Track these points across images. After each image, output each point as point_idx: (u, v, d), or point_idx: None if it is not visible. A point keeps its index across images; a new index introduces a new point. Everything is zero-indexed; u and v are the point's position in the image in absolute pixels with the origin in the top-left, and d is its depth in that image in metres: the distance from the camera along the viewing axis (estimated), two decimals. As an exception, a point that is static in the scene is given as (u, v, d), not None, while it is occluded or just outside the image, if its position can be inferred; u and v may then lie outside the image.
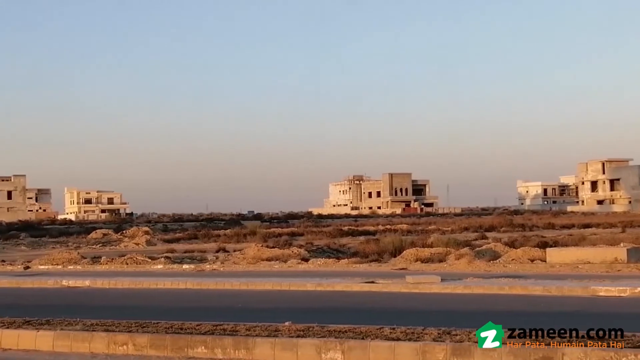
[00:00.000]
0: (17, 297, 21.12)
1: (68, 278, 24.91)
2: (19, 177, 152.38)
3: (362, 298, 18.71)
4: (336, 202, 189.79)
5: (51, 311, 14.93)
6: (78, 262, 31.94)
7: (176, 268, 29.22)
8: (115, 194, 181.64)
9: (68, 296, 21.19)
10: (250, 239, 48.89)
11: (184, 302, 19.14)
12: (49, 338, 11.60)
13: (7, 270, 30.45)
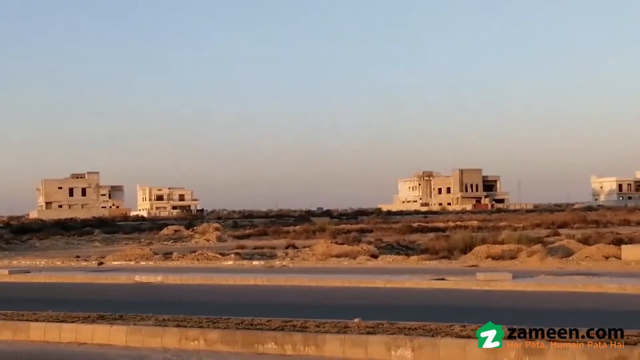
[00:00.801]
0: (92, 293, 21.53)
1: (140, 274, 25.28)
2: (92, 174, 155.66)
3: (432, 295, 18.57)
4: (405, 199, 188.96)
5: (124, 306, 15.18)
6: (150, 258, 32.39)
7: (246, 264, 29.42)
8: (186, 190, 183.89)
9: (140, 292, 21.50)
10: (319, 236, 48.94)
11: (254, 298, 19.24)
12: (123, 333, 11.77)
13: (81, 266, 31.07)
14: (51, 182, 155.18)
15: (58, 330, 12.29)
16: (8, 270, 27.44)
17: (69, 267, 30.74)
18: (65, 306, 15.07)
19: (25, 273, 27.15)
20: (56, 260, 33.58)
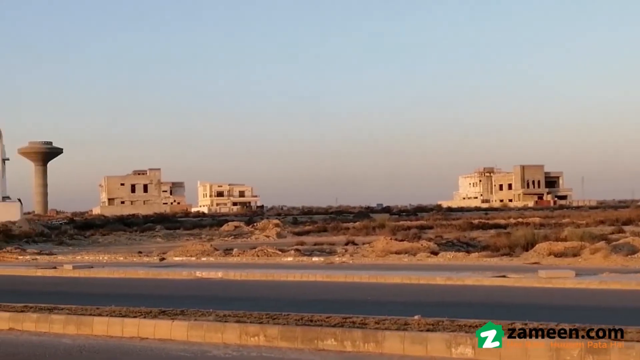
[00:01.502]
0: (153, 288, 21.78)
1: (201, 269, 25.51)
2: (154, 170, 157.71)
3: (493, 292, 18.39)
4: (466, 195, 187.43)
5: (185, 302, 15.33)
6: (211, 254, 32.68)
7: (306, 260, 29.48)
8: (246, 187, 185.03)
9: (201, 287, 21.69)
10: (379, 232, 48.83)
11: (314, 294, 19.26)
12: (184, 328, 11.86)
13: (143, 261, 31.46)
14: (114, 179, 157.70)
15: (121, 325, 12.43)
16: (72, 266, 27.95)
17: (131, 262, 31.16)
18: (127, 301, 15.27)
19: (89, 268, 27.61)
20: (119, 255, 34.07)
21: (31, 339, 12.38)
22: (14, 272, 28.22)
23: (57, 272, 27.21)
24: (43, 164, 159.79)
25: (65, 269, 27.50)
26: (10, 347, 11.65)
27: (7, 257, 35.57)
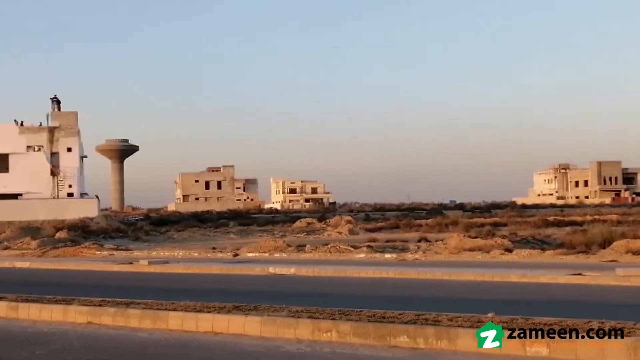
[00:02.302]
0: (227, 283, 22.01)
1: (274, 265, 25.68)
2: (227, 167, 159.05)
3: (568, 291, 18.08)
4: (541, 192, 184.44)
5: (258, 297, 15.46)
6: (284, 250, 32.84)
7: (378, 257, 29.43)
8: (318, 183, 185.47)
9: (274, 283, 21.82)
10: (452, 229, 48.46)
11: (386, 291, 19.21)
12: (257, 324, 11.94)
13: (217, 257, 31.81)
14: (188, 176, 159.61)
15: (195, 320, 12.57)
16: (148, 261, 28.43)
17: (206, 258, 31.53)
18: (201, 296, 15.45)
19: (164, 264, 28.04)
20: (193, 251, 34.50)
21: (108, 332, 12.62)
22: (91, 267, 28.82)
23: (133, 268, 27.73)
24: (120, 162, 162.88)
25: (141, 265, 28.00)
26: (88, 340, 11.90)
27: (86, 252, 36.35)
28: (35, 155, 66.46)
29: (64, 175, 66.50)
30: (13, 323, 13.98)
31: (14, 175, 65.39)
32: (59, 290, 17.89)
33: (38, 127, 67.15)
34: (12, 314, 14.68)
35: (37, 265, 30.63)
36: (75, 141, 67.64)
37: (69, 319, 13.91)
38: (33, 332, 12.85)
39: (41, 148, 66.62)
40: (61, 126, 67.13)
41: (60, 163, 66.78)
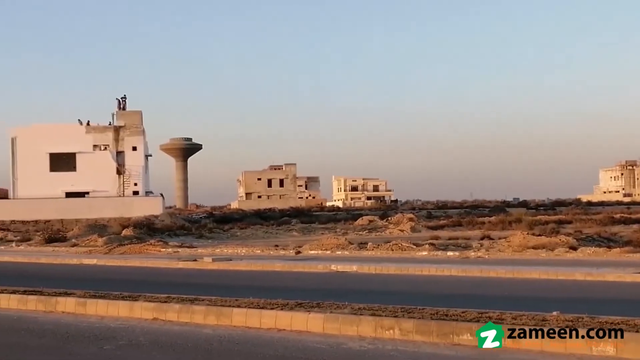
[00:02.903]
0: (290, 280, 22.11)
1: (336, 263, 25.71)
2: (290, 165, 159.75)
3: (635, 289, 17.76)
4: (607, 189, 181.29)
5: (321, 294, 15.48)
6: (345, 248, 32.86)
7: (440, 255, 29.28)
8: (380, 181, 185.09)
9: (336, 280, 21.85)
10: (515, 227, 47.92)
11: (449, 289, 19.10)
12: (320, 320, 11.97)
13: (280, 254, 31.97)
14: (251, 174, 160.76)
15: (258, 317, 12.66)
16: (212, 258, 28.73)
17: (268, 255, 31.71)
18: (265, 293, 15.55)
19: (228, 261, 28.30)
20: (256, 248, 34.73)
21: (173, 328, 12.79)
22: (157, 264, 29.22)
23: (198, 265, 28.04)
24: (183, 160, 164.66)
25: (205, 262, 28.31)
26: (154, 335, 12.08)
27: (151, 249, 36.86)
28: (102, 154, 67.60)
29: (129, 174, 67.53)
30: (81, 319, 14.25)
31: (81, 174, 66.65)
32: (125, 286, 18.16)
33: (104, 127, 68.31)
34: (81, 310, 14.97)
35: (103, 262, 31.18)
36: (140, 140, 68.60)
37: (135, 314, 14.14)
38: (101, 328, 13.08)
39: (107, 147, 67.75)
40: (126, 125, 68.17)
41: (126, 162, 67.81)
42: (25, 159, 66.26)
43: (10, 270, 29.02)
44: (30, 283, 18.81)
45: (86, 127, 68.00)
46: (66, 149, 66.54)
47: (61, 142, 66.60)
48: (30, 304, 15.78)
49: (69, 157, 66.90)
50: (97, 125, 68.53)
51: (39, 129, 67.78)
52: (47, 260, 33.73)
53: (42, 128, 68.21)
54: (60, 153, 66.50)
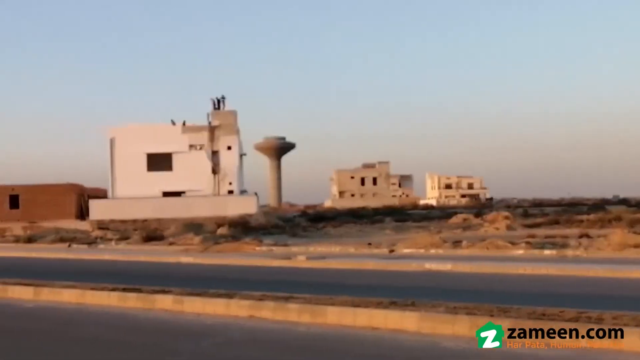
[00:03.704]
0: (383, 279, 22.07)
1: (430, 261, 25.56)
2: (383, 164, 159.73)
3: None
4: None
5: (415, 293, 15.44)
6: (440, 246, 32.61)
7: (537, 253, 28.77)
8: (474, 179, 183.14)
9: (430, 279, 21.73)
10: (615, 225, 46.67)
11: (546, 288, 18.77)
12: (414, 319, 11.93)
13: (373, 253, 31.93)
14: (344, 172, 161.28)
15: (353, 315, 12.70)
16: (306, 257, 28.92)
17: (362, 254, 31.70)
18: (359, 292, 15.61)
19: (322, 259, 28.41)
20: (349, 247, 34.76)
21: (269, 326, 12.93)
22: (251, 262, 29.54)
23: (292, 263, 28.25)
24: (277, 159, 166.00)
25: (299, 260, 28.50)
26: (249, 333, 12.25)
27: (246, 247, 37.28)
28: (197, 153, 68.69)
29: (224, 173, 68.43)
30: (179, 316, 14.56)
31: (177, 173, 67.89)
32: (221, 284, 18.47)
33: (199, 127, 69.37)
34: (178, 308, 15.28)
35: (200, 261, 31.70)
36: (234, 140, 69.43)
37: (231, 312, 14.35)
38: (197, 325, 13.34)
39: (202, 147, 68.84)
40: (221, 125, 69.11)
41: (221, 161, 68.74)
42: (123, 159, 67.84)
43: (110, 268, 29.82)
44: (130, 281, 19.32)
45: (182, 127, 69.18)
46: (163, 149, 67.84)
47: (158, 142, 67.98)
48: (130, 301, 16.19)
49: (165, 157, 68.21)
50: (192, 125, 69.60)
51: (135, 130, 69.29)
52: (145, 258, 34.51)
53: (139, 128, 69.71)
54: (157, 153, 67.83)
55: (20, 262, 35.76)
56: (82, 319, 14.79)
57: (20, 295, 18.43)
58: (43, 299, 17.80)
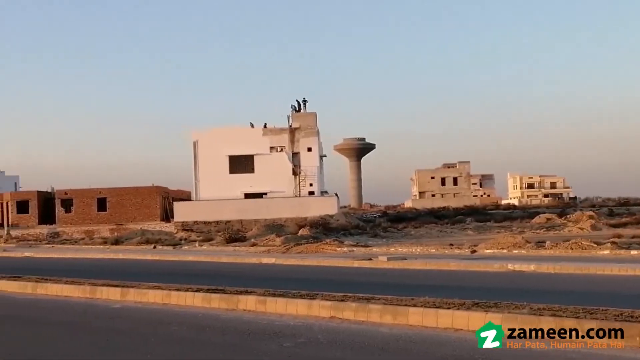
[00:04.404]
0: (465, 280, 21.96)
1: (513, 262, 25.30)
2: (463, 163, 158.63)
3: None
4: None
5: (498, 294, 15.29)
6: (522, 247, 32.23)
7: (623, 254, 28.19)
8: (557, 178, 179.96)
9: (513, 280, 21.52)
10: None
11: (633, 289, 18.38)
12: (498, 320, 11.78)
13: (455, 253, 31.76)
14: (424, 173, 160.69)
15: (435, 316, 12.65)
16: (386, 257, 28.91)
17: (443, 254, 31.57)
18: (440, 292, 15.51)
19: (402, 260, 28.37)
20: (430, 247, 34.66)
21: (351, 327, 12.98)
22: (332, 263, 29.68)
23: (372, 264, 28.29)
24: (357, 160, 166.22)
25: (380, 261, 28.52)
26: (331, 334, 12.31)
27: (326, 248, 37.47)
28: (278, 155, 69.31)
29: (304, 175, 68.87)
30: (261, 316, 14.70)
31: (259, 175, 68.63)
32: (302, 285, 18.59)
33: (280, 129, 70.01)
34: (261, 308, 15.44)
35: (281, 261, 31.99)
36: (314, 141, 69.82)
37: (313, 313, 14.43)
38: (280, 325, 13.45)
39: (283, 149, 69.42)
40: (301, 127, 69.58)
41: (301, 162, 69.19)
42: (206, 161, 68.92)
43: (194, 269, 30.33)
44: (213, 281, 19.60)
45: (263, 129, 69.95)
46: (244, 151, 68.71)
47: (239, 144, 68.88)
48: (214, 302, 16.42)
49: (247, 159, 69.07)
50: (273, 128, 70.33)
51: (218, 133, 70.36)
52: (228, 259, 35.00)
53: (221, 131, 70.79)
54: (238, 155, 68.77)
55: (108, 263, 36.71)
56: (167, 319, 15.04)
57: (108, 296, 18.90)
58: (130, 299, 18.22)
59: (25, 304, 19.18)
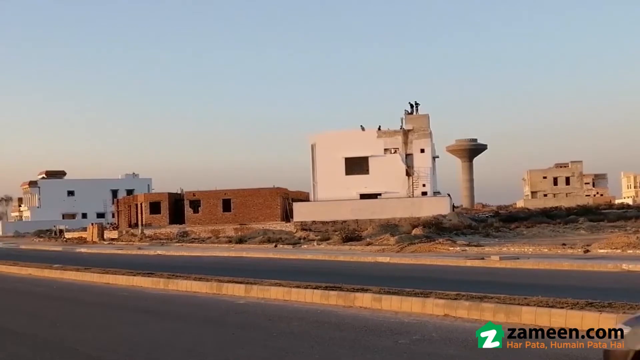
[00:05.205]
0: (579, 280, 21.84)
1: (628, 262, 24.99)
2: (575, 163, 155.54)
3: None
4: None
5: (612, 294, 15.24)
6: (637, 247, 31.76)
7: None
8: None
9: (628, 280, 21.27)
10: None
11: None
12: (612, 321, 11.56)
13: (567, 253, 31.52)
14: (536, 172, 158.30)
15: (548, 315, 12.73)
16: (499, 257, 29.07)
17: (555, 254, 31.37)
18: (553, 292, 15.66)
19: (515, 259, 28.46)
20: (543, 247, 34.44)
21: (464, 325, 13.26)
22: (445, 262, 29.94)
23: (485, 263, 28.47)
24: (469, 160, 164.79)
25: (492, 260, 28.67)
26: (445, 332, 12.66)
27: (439, 248, 37.72)
28: (392, 157, 69.83)
29: (417, 175, 69.18)
30: (377, 313, 15.19)
31: (374, 176, 69.39)
32: (416, 283, 18.88)
33: (393, 131, 70.54)
34: (376, 305, 15.92)
35: (396, 260, 32.46)
36: (427, 142, 70.04)
37: (427, 311, 14.77)
38: (395, 323, 13.89)
39: (397, 150, 69.91)
40: (414, 129, 69.91)
41: (414, 164, 69.51)
42: (323, 163, 70.21)
43: (312, 267, 31.20)
44: (331, 279, 20.25)
45: (377, 131, 70.68)
46: (359, 153, 69.66)
47: (354, 147, 69.90)
48: (332, 299, 16.97)
49: (362, 161, 69.96)
50: (387, 130, 70.93)
51: (334, 136, 71.63)
52: (344, 258, 35.71)
53: (336, 134, 72.06)
54: (354, 157, 69.79)
55: (233, 261, 38.08)
56: (288, 314, 15.72)
57: (233, 292, 19.83)
58: (253, 295, 19.06)
59: (158, 299, 20.40)
